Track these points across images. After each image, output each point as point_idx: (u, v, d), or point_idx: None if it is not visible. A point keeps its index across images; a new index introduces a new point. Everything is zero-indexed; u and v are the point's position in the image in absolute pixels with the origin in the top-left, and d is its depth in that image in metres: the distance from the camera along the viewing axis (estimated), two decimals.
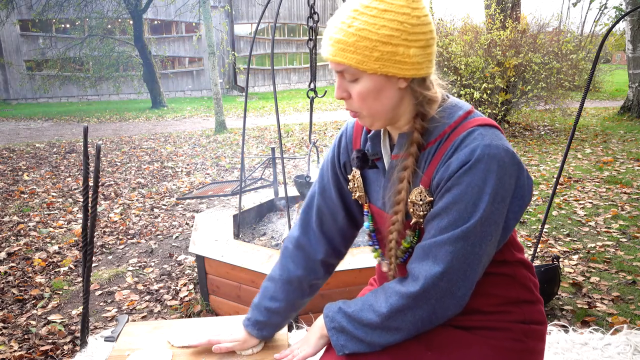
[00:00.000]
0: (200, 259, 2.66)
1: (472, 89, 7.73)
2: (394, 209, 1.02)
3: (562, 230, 3.79)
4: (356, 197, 1.16)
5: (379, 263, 1.20)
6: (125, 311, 2.81)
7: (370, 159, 1.11)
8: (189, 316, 2.69)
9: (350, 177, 1.17)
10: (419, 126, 1.00)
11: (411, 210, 1.01)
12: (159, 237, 4.03)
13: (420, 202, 1.00)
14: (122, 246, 3.85)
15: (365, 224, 1.18)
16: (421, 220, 1.01)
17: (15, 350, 2.40)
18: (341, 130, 1.23)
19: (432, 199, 1.00)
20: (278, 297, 1.24)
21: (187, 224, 4.34)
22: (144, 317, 2.73)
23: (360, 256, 2.39)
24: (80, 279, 3.26)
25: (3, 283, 3.19)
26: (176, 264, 3.44)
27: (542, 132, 8.67)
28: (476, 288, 1.00)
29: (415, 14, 0.93)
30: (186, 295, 2.93)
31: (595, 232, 3.73)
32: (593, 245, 3.46)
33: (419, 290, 0.96)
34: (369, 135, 1.12)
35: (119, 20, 17.25)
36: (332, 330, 1.08)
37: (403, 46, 0.92)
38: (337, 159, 1.21)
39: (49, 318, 2.74)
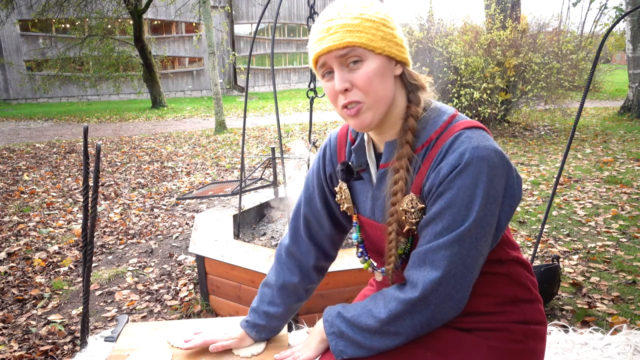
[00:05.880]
0: (200, 259, 2.66)
1: (472, 89, 7.73)
2: (389, 219, 1.02)
3: (562, 230, 3.79)
4: (344, 208, 1.17)
5: (371, 272, 1.21)
6: (125, 311, 2.81)
7: (355, 170, 1.11)
8: (189, 316, 2.69)
9: (337, 189, 1.18)
10: (411, 125, 1.00)
11: (403, 218, 1.01)
12: (159, 237, 4.03)
13: (412, 210, 1.00)
14: (122, 246, 3.85)
15: (354, 235, 1.18)
16: (414, 227, 1.01)
17: (15, 350, 2.40)
18: (325, 142, 1.23)
19: (423, 205, 0.99)
20: (276, 302, 1.26)
21: (187, 224, 4.34)
22: (144, 317, 2.73)
23: None
24: (80, 279, 3.26)
25: (3, 283, 3.19)
26: (176, 264, 3.44)
27: (542, 132, 8.67)
28: (473, 289, 1.00)
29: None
30: (186, 295, 2.93)
31: (595, 232, 3.73)
32: (593, 245, 3.46)
33: (418, 297, 0.96)
34: (352, 147, 1.12)
35: (119, 20, 17.25)
36: (332, 335, 1.08)
37: (395, 29, 0.99)
38: (323, 171, 1.22)
39: (49, 318, 2.74)
